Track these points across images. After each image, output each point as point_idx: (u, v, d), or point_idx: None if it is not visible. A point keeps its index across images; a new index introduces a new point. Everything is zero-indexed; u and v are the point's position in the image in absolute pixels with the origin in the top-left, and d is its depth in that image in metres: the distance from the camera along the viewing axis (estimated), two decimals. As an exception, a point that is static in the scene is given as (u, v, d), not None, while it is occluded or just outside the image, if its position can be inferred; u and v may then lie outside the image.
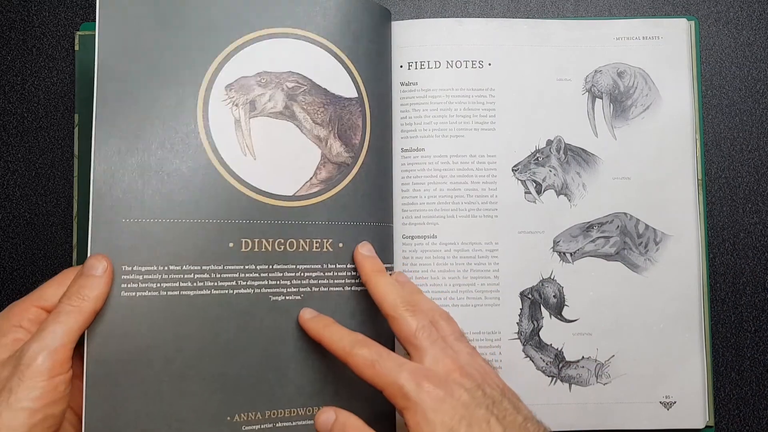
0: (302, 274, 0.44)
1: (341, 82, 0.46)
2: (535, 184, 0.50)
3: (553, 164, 0.50)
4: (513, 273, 0.50)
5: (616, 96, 0.51)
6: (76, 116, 0.51)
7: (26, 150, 0.52)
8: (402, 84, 0.50)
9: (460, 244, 0.49)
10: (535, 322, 0.50)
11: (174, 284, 0.41)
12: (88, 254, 0.40)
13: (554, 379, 0.49)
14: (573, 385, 0.49)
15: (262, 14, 0.44)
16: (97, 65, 0.41)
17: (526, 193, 0.50)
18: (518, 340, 0.49)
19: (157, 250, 0.41)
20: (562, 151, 0.50)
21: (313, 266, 0.44)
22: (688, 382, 0.49)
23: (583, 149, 0.50)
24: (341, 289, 0.45)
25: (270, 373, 0.42)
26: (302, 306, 0.44)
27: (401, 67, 0.50)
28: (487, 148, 0.50)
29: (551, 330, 0.50)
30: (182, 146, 0.42)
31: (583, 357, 0.49)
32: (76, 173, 0.51)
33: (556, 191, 0.50)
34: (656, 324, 0.49)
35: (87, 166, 0.51)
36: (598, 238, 0.50)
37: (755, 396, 0.51)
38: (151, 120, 0.41)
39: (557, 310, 0.50)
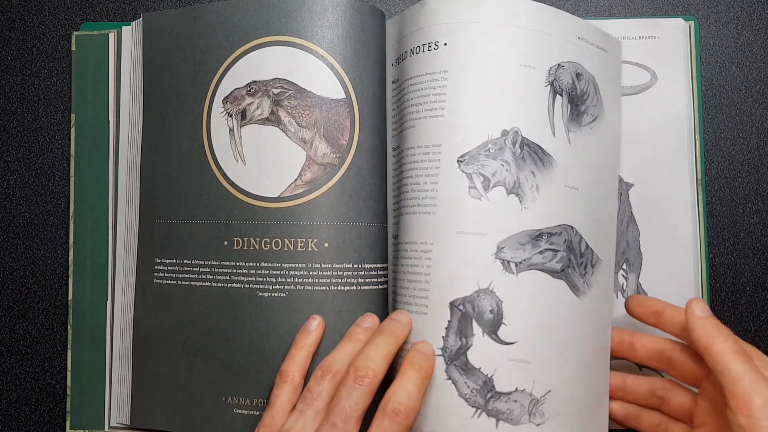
0: (287, 272, 0.45)
1: (328, 84, 0.46)
2: (482, 179, 0.43)
3: (507, 158, 0.43)
4: (445, 279, 0.42)
5: (574, 97, 0.45)
6: (73, 116, 0.52)
7: (25, 150, 0.53)
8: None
9: (398, 244, 0.46)
10: (463, 339, 0.42)
11: (186, 275, 0.48)
12: (124, 249, 0.50)
13: (479, 411, 0.41)
14: (501, 422, 0.41)
15: (253, 25, 0.47)
16: (144, 90, 0.50)
17: (470, 187, 0.42)
18: (442, 357, 0.42)
19: (175, 246, 0.48)
20: (518, 145, 0.43)
21: (297, 265, 0.45)
22: (602, 426, 0.44)
23: (540, 146, 0.44)
24: (326, 288, 0.45)
25: (257, 363, 0.46)
26: (287, 303, 0.45)
27: (392, 65, 0.49)
28: (433, 137, 0.44)
29: (482, 351, 0.41)
30: (191, 157, 0.48)
31: (516, 389, 0.41)
32: (72, 173, 0.51)
33: (506, 189, 0.43)
34: (587, 357, 0.43)
35: (85, 166, 0.51)
36: (547, 249, 0.43)
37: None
38: (172, 133, 0.49)
39: (493, 328, 0.42)
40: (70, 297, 0.51)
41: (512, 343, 0.42)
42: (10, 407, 0.51)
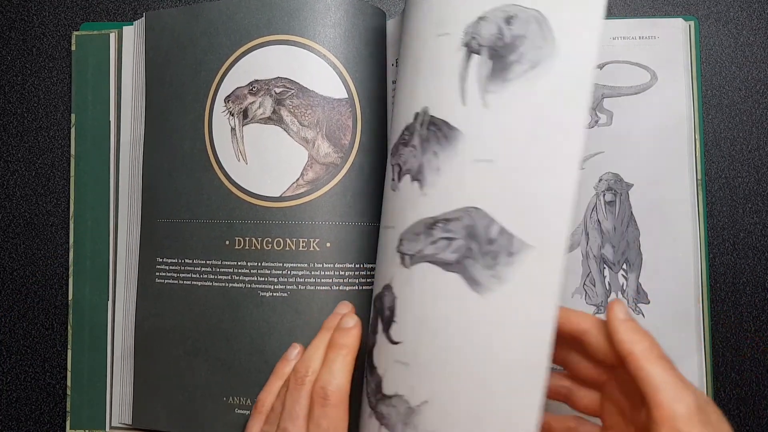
0: (289, 272, 0.45)
1: (330, 84, 0.46)
2: (399, 169, 0.39)
3: (415, 143, 0.38)
4: (375, 276, 0.42)
5: (498, 49, 0.35)
6: (73, 116, 0.52)
7: (25, 150, 0.52)
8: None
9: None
10: (372, 336, 0.40)
11: (187, 275, 0.48)
12: (126, 248, 0.50)
13: (372, 411, 0.38)
14: (383, 427, 0.37)
15: (255, 24, 0.47)
16: (146, 89, 0.50)
17: (392, 180, 0.40)
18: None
19: (176, 245, 0.48)
20: (425, 126, 0.37)
21: (299, 265, 0.45)
22: None
23: (445, 122, 0.36)
24: (328, 288, 0.45)
25: (258, 363, 0.46)
26: (288, 303, 0.45)
27: (392, 65, 0.49)
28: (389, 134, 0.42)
29: (379, 350, 0.39)
30: (193, 156, 0.48)
31: (396, 393, 0.37)
32: (72, 173, 0.51)
33: (411, 176, 0.38)
34: (489, 370, 0.34)
35: (85, 166, 0.51)
36: (441, 239, 0.36)
37: (755, 396, 0.50)
38: (174, 132, 0.49)
39: (387, 325, 0.38)
40: (70, 297, 0.51)
41: (398, 343, 0.37)
42: (10, 407, 0.51)
